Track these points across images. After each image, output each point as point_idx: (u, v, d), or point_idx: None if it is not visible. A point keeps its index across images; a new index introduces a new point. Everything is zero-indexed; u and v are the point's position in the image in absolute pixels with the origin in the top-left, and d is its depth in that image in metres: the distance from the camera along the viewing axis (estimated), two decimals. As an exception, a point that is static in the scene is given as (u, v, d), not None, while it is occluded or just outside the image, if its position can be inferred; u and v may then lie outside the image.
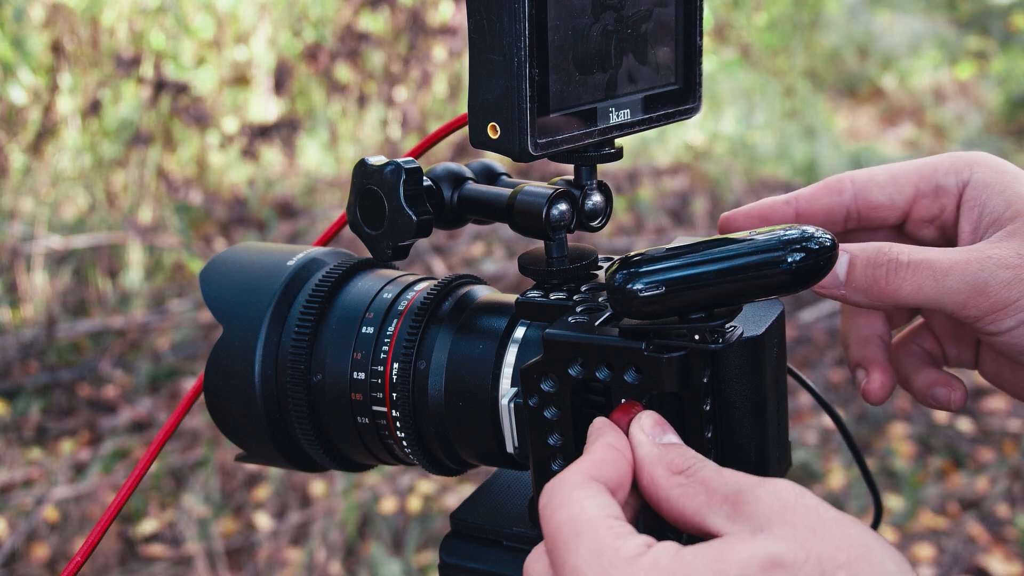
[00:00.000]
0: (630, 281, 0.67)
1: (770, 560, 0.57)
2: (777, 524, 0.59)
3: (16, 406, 3.73)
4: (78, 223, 4.75)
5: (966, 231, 0.81)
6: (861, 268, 0.78)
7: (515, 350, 0.78)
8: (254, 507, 3.36)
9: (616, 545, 0.60)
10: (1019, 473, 3.51)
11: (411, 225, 0.80)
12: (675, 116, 0.81)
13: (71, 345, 4.08)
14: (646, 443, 0.66)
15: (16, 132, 5.15)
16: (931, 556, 3.19)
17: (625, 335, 0.70)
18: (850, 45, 8.31)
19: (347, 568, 3.13)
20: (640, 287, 0.67)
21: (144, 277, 4.46)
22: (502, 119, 0.72)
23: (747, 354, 0.70)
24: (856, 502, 3.34)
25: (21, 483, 3.41)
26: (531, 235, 0.81)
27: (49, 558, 3.15)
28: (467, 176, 0.85)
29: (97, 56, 5.34)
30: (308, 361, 0.84)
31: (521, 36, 0.70)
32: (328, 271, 0.87)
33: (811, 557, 0.57)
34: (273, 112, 5.74)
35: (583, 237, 0.88)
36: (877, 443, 3.62)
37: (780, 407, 0.73)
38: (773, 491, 0.61)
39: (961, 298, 0.76)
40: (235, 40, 5.85)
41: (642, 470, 0.66)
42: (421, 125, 5.73)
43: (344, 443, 0.85)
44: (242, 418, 0.86)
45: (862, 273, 0.78)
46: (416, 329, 0.81)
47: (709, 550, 0.59)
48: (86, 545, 0.86)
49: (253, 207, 5.06)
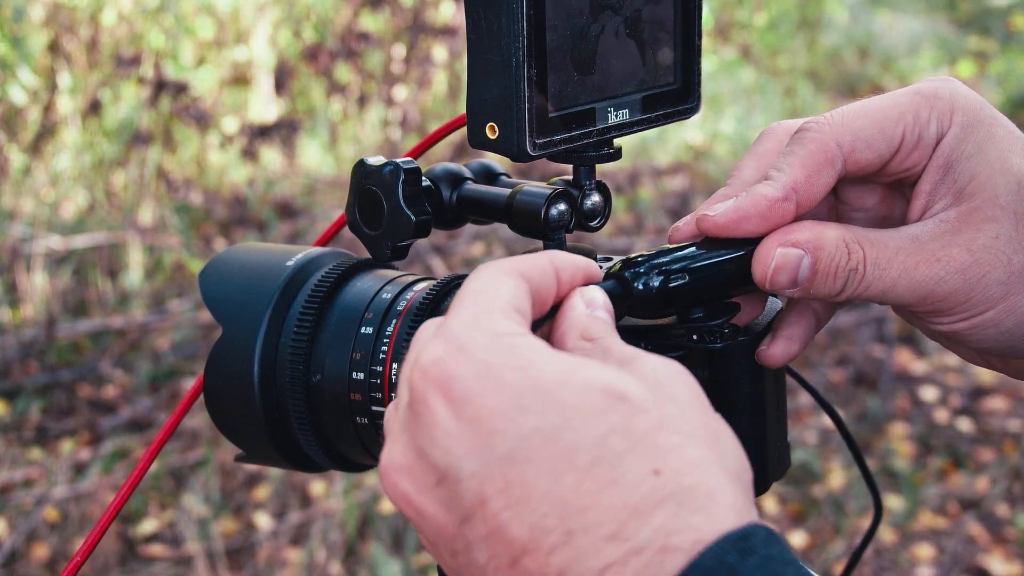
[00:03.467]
0: (636, 279, 0.68)
1: (616, 391, 0.56)
2: (644, 376, 0.58)
3: (16, 406, 3.73)
4: (78, 223, 4.75)
5: (923, 193, 0.74)
6: (822, 274, 0.71)
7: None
8: (254, 507, 3.36)
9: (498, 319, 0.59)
10: (1019, 473, 3.51)
11: (410, 225, 0.80)
12: (674, 116, 0.81)
13: (71, 345, 4.08)
14: (577, 308, 0.65)
15: (16, 132, 5.15)
16: (931, 556, 3.19)
17: (625, 335, 0.70)
18: (850, 45, 8.31)
19: (347, 568, 3.13)
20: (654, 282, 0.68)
21: (144, 277, 4.46)
22: (501, 119, 0.72)
23: (746, 354, 0.70)
24: (856, 502, 3.34)
25: (21, 483, 3.41)
26: (530, 235, 0.81)
27: (49, 558, 3.15)
28: (466, 176, 0.85)
29: (97, 56, 5.34)
30: (307, 361, 0.84)
31: (519, 36, 0.70)
32: (327, 271, 0.87)
33: (655, 411, 0.56)
34: (273, 112, 5.74)
35: (582, 237, 0.88)
36: (877, 443, 3.62)
37: (780, 407, 0.74)
38: (660, 361, 0.60)
39: (906, 301, 0.73)
40: (235, 40, 5.85)
41: (557, 329, 0.64)
42: (421, 125, 5.73)
43: (343, 443, 0.85)
44: (241, 418, 0.86)
45: (822, 280, 0.71)
46: (415, 329, 0.81)
47: (571, 358, 0.59)
48: (86, 545, 0.86)
49: (253, 207, 5.06)
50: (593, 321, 0.64)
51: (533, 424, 0.55)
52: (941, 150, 0.74)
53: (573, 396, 0.56)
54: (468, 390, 0.57)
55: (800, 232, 0.71)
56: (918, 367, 4.06)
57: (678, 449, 0.55)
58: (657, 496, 0.54)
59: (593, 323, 0.64)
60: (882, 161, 0.74)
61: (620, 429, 0.55)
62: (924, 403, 3.86)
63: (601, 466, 0.54)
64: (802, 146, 0.72)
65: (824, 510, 3.34)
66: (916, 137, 0.73)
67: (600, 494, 0.54)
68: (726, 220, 0.71)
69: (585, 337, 0.63)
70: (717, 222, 0.71)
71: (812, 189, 0.72)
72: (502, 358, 0.57)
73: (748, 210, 0.71)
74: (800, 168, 0.72)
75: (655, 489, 0.54)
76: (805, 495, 3.42)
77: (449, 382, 0.57)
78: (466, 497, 0.55)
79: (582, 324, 0.64)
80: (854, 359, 4.05)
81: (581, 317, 0.64)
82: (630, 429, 0.55)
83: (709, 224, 0.71)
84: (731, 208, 0.71)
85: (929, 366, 4.05)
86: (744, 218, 0.71)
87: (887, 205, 0.78)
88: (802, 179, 0.71)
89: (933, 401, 3.88)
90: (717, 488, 0.55)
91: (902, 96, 0.74)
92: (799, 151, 0.72)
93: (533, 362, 0.58)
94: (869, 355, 4.05)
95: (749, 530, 0.53)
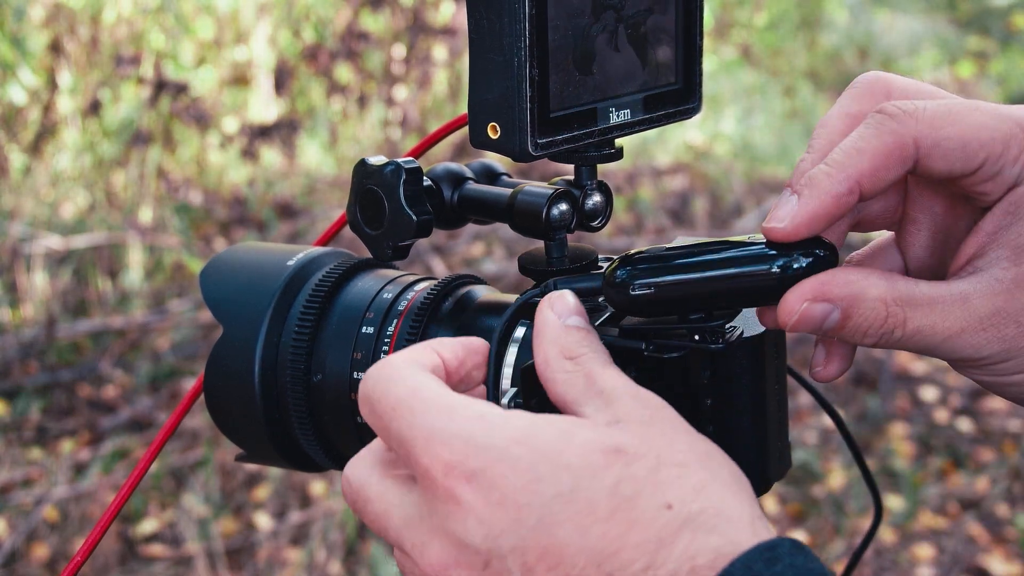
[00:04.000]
0: (630, 278, 0.68)
1: (612, 447, 0.61)
2: (633, 423, 0.63)
3: (16, 406, 3.73)
4: (78, 223, 4.75)
5: (983, 232, 0.69)
6: (852, 330, 0.68)
7: (515, 350, 0.78)
8: (254, 507, 3.36)
9: (467, 403, 0.63)
10: (1019, 473, 3.51)
11: (411, 225, 0.80)
12: (675, 116, 0.81)
13: (71, 345, 4.08)
14: (551, 321, 0.68)
15: (16, 132, 5.14)
16: (931, 556, 3.19)
17: (625, 335, 0.70)
18: (850, 45, 8.31)
19: (347, 568, 3.13)
20: (637, 284, 0.68)
21: (144, 277, 4.46)
22: (502, 119, 0.72)
23: (747, 354, 0.70)
24: (856, 502, 3.34)
25: (21, 483, 3.41)
26: (531, 235, 0.81)
27: (49, 558, 3.15)
28: (467, 176, 0.85)
29: (97, 56, 5.34)
30: (308, 361, 0.84)
31: (521, 36, 0.70)
32: (328, 271, 0.87)
33: (651, 452, 0.61)
34: (273, 112, 5.74)
35: (583, 237, 0.88)
36: (877, 443, 3.62)
37: (780, 407, 0.74)
38: (643, 398, 0.64)
39: (943, 357, 0.70)
40: (235, 40, 5.85)
41: (539, 347, 0.67)
42: (421, 125, 5.73)
43: (344, 443, 0.85)
44: (242, 418, 0.86)
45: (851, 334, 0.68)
46: (416, 329, 0.81)
47: (561, 422, 0.63)
48: (86, 545, 0.86)
49: (253, 207, 5.06)
50: (569, 334, 0.67)
51: (551, 491, 0.60)
52: (1015, 195, 0.69)
53: (577, 458, 0.61)
54: (489, 476, 0.61)
55: (836, 287, 0.67)
56: (918, 367, 4.06)
57: (679, 480, 0.61)
58: (674, 526, 0.59)
59: (570, 336, 0.67)
60: (952, 177, 0.69)
61: (626, 477, 0.60)
62: (924, 403, 3.86)
63: (620, 512, 0.60)
64: (879, 137, 0.67)
65: (824, 510, 3.34)
66: (997, 169, 0.68)
67: (626, 536, 0.59)
68: (794, 228, 0.67)
69: (567, 356, 0.66)
70: (786, 231, 0.67)
71: (877, 184, 0.67)
72: (501, 436, 0.62)
73: (815, 211, 0.67)
74: (869, 161, 0.67)
75: (671, 520, 0.59)
76: (805, 495, 3.42)
77: (471, 475, 0.61)
78: (514, 570, 0.60)
79: (560, 341, 0.67)
80: (854, 359, 4.05)
81: (556, 331, 0.67)
82: (634, 475, 0.61)
83: (778, 235, 0.68)
84: (797, 214, 0.67)
85: (929, 366, 4.05)
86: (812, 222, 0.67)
87: (953, 215, 0.74)
88: (868, 172, 0.67)
89: (933, 401, 3.88)
90: (722, 505, 0.60)
91: (1001, 120, 0.68)
92: (874, 142, 0.67)
93: (528, 432, 0.62)
94: (869, 355, 4.05)
95: (776, 542, 0.59)
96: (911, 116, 0.67)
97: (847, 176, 0.67)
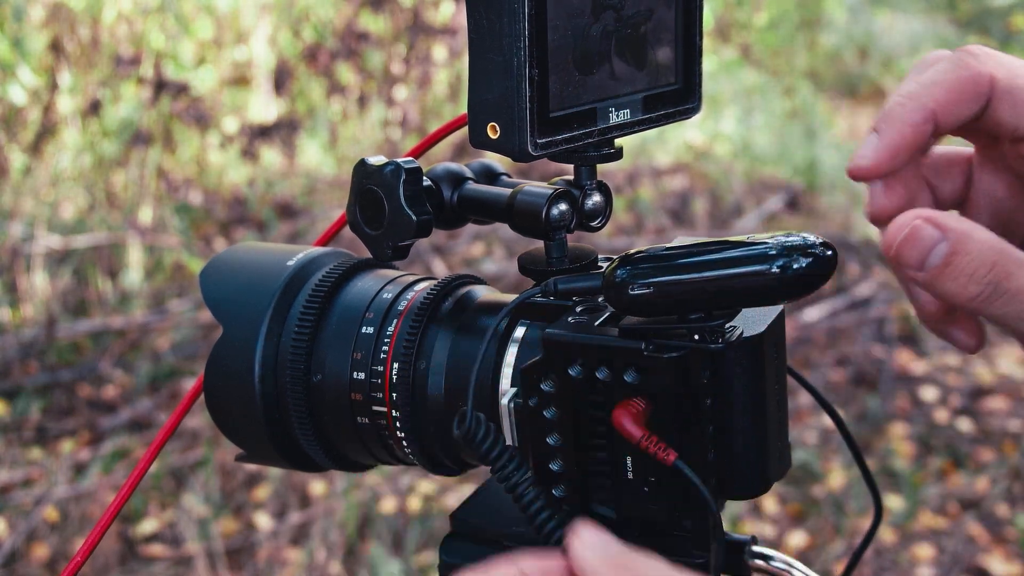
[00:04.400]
0: (629, 278, 0.68)
1: None
2: None
3: (16, 406, 3.73)
4: (78, 223, 4.75)
5: None
6: (953, 272, 0.62)
7: (515, 350, 0.78)
8: (254, 507, 3.36)
9: None
10: (1019, 473, 3.50)
11: (411, 225, 0.80)
12: (675, 116, 0.81)
13: (71, 345, 4.08)
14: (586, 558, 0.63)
15: (16, 132, 5.14)
16: (931, 556, 3.19)
17: (625, 335, 0.70)
18: (850, 45, 8.31)
19: (347, 568, 3.13)
20: (636, 284, 0.68)
21: (144, 277, 4.46)
22: (502, 119, 0.72)
23: (747, 354, 0.70)
24: (856, 502, 3.34)
25: (21, 483, 3.41)
26: (531, 235, 0.81)
27: (49, 558, 3.15)
28: (467, 176, 0.85)
29: (97, 56, 5.34)
30: (308, 361, 0.84)
31: (521, 36, 0.70)
32: (328, 271, 0.87)
33: None
34: (273, 112, 5.74)
35: (583, 237, 0.88)
36: (877, 443, 3.62)
37: (780, 407, 0.74)
38: None
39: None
40: (235, 40, 5.85)
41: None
42: (421, 125, 5.73)
43: (344, 443, 0.85)
44: (242, 418, 0.86)
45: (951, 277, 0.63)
46: (416, 329, 0.81)
47: None
48: (86, 545, 0.86)
49: (253, 207, 5.06)
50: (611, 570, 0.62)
51: None
52: None
53: None
54: None
55: (951, 219, 0.63)
56: (918, 367, 4.06)
57: None
58: None
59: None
60: (1017, 136, 0.67)
61: None
62: (924, 403, 3.86)
63: None
64: (955, 71, 0.66)
65: (824, 510, 3.34)
66: None
67: None
68: (876, 162, 0.66)
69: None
70: (869, 167, 0.66)
71: (951, 116, 0.66)
72: None
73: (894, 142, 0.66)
74: (944, 91, 0.66)
75: None
76: (805, 495, 3.42)
77: None
78: None
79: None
80: (854, 359, 4.05)
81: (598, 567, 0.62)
82: None
83: (863, 172, 0.67)
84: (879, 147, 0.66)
85: (929, 366, 4.05)
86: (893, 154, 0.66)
87: (1015, 198, 0.73)
88: (943, 101, 0.66)
89: (933, 401, 3.87)
90: None
91: None
92: (950, 75, 0.66)
93: None
94: (869, 355, 4.05)
95: None
96: (991, 57, 0.67)
97: (922, 105, 0.66)
